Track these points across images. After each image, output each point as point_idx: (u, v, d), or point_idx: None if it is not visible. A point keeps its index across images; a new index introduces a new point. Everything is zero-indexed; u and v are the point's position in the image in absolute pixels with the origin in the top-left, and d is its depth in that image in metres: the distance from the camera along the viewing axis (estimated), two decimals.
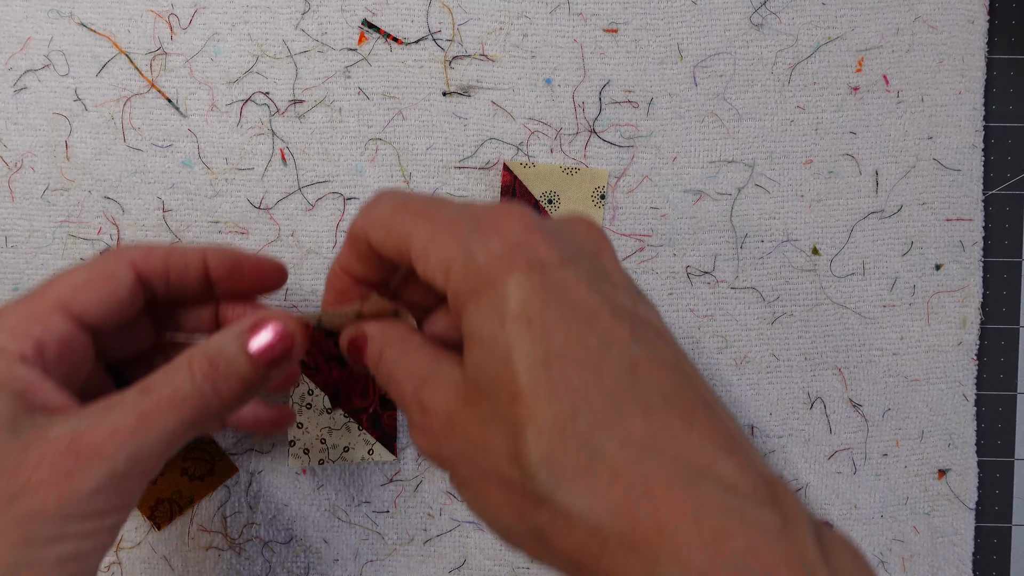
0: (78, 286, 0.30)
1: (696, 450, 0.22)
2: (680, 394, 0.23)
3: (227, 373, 0.29)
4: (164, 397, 0.28)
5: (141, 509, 0.42)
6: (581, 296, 0.24)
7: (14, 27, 0.40)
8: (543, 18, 0.40)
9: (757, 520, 0.21)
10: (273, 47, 0.40)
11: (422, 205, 0.27)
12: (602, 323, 0.23)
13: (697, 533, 0.21)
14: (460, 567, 0.42)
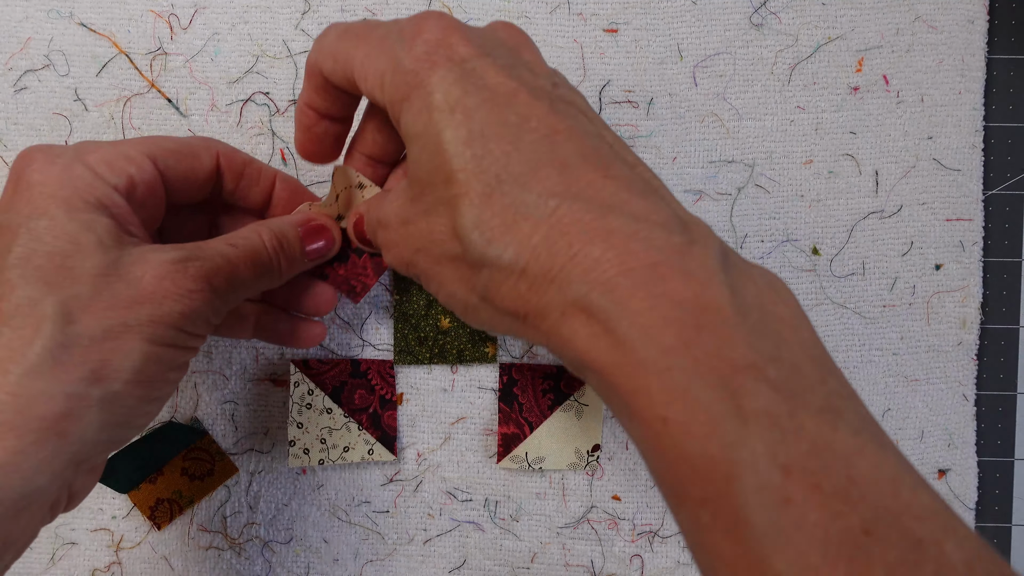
0: (168, 149, 0.32)
1: (610, 194, 0.24)
2: (597, 152, 0.25)
3: (288, 251, 0.34)
4: (247, 251, 0.32)
5: (141, 509, 0.42)
6: (499, 82, 0.26)
7: (14, 27, 0.40)
8: (543, 18, 0.40)
9: (662, 241, 0.23)
10: (273, 47, 0.40)
11: (360, 28, 0.29)
12: (520, 102, 0.26)
13: (603, 253, 0.23)
14: (460, 567, 0.43)
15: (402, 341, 0.41)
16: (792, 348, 0.23)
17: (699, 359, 0.22)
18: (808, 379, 0.22)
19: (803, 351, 0.23)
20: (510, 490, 0.42)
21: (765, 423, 0.21)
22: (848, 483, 0.20)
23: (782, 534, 0.20)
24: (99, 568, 0.42)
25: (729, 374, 0.22)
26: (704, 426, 0.21)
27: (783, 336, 0.23)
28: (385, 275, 0.41)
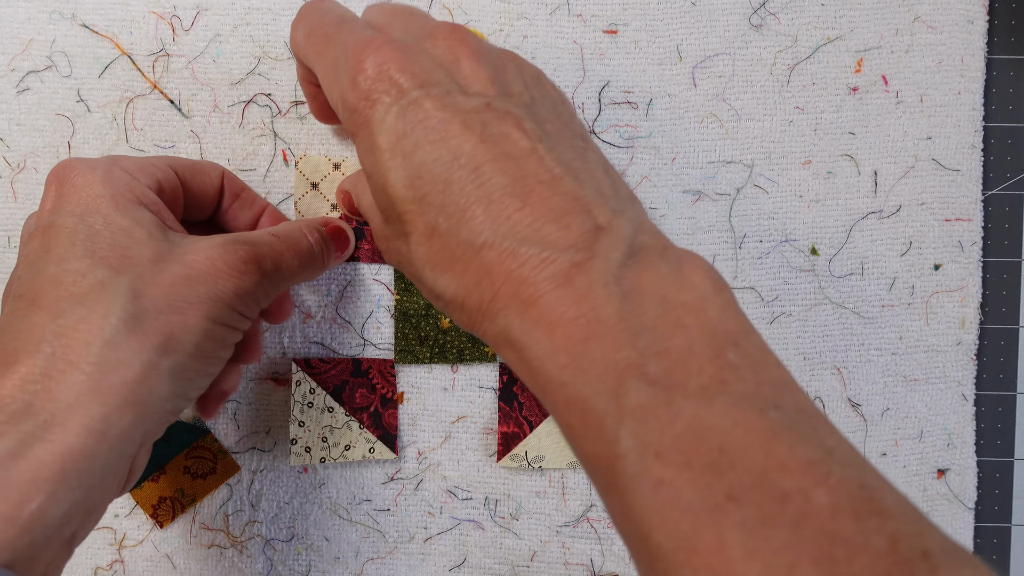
0: (184, 164, 0.36)
1: (525, 224, 0.26)
2: (519, 181, 0.26)
3: (327, 246, 0.38)
4: (291, 243, 0.35)
5: (143, 507, 0.42)
6: (433, 116, 0.27)
7: (17, 28, 0.40)
8: (543, 19, 0.41)
9: (566, 264, 0.25)
10: (275, 48, 0.40)
11: (319, 38, 0.31)
12: (452, 134, 0.27)
13: (517, 288, 0.25)
14: (460, 565, 0.43)
15: (403, 340, 0.41)
16: (688, 333, 0.24)
17: (586, 368, 0.24)
18: (697, 360, 0.23)
19: (700, 332, 0.24)
20: (510, 489, 0.42)
21: (639, 416, 0.23)
22: (719, 454, 0.22)
23: (658, 513, 0.22)
24: (101, 566, 0.42)
25: (613, 377, 0.23)
26: (592, 429, 0.24)
27: (682, 323, 0.24)
28: (385, 275, 0.41)
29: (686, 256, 0.26)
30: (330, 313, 0.42)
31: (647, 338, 0.24)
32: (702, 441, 0.22)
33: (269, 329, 0.42)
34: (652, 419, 0.22)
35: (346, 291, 0.41)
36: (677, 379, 0.23)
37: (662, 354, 0.23)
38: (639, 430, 0.22)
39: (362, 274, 0.41)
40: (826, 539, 0.20)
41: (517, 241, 0.26)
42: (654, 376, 0.23)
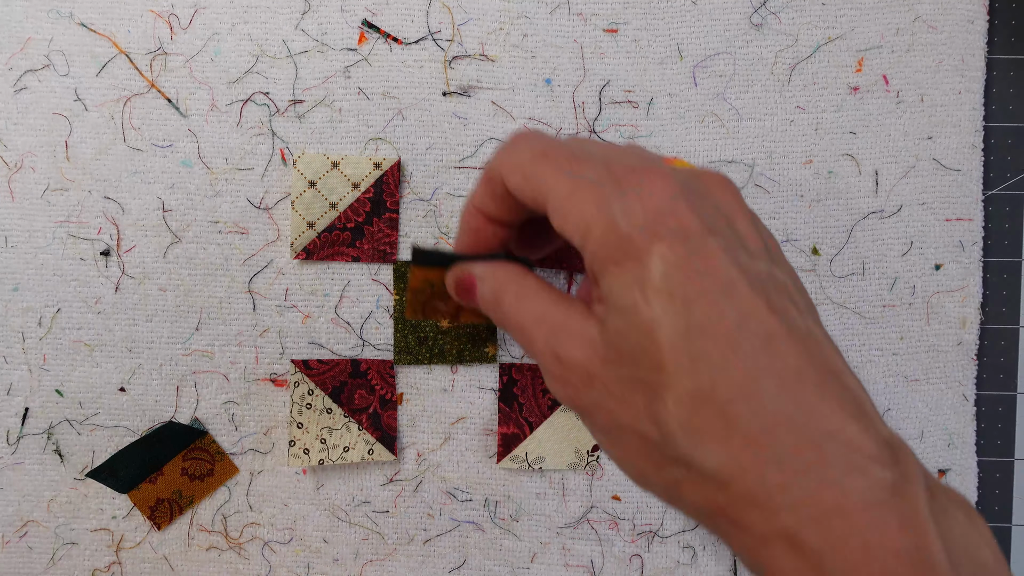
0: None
1: (825, 418, 0.23)
2: (812, 365, 0.24)
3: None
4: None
5: (141, 509, 0.42)
6: (721, 268, 0.25)
7: (14, 27, 0.40)
8: (543, 18, 0.40)
9: (877, 479, 0.22)
10: (273, 47, 0.40)
11: (563, 157, 0.27)
12: (740, 295, 0.24)
13: (818, 489, 0.22)
14: (460, 567, 0.43)
15: (402, 341, 0.41)
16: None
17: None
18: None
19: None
20: (510, 490, 0.42)
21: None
22: None
23: None
24: (99, 568, 0.42)
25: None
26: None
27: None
28: (384, 275, 0.41)
29: (966, 503, 0.24)
30: (329, 314, 0.41)
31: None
32: None
33: (268, 329, 0.41)
34: None
35: (345, 291, 0.41)
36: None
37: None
38: None
39: (361, 274, 0.41)
40: None
41: (820, 434, 0.23)
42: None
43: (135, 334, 0.41)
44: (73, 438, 0.42)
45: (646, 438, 0.25)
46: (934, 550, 0.22)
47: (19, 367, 0.41)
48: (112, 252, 0.41)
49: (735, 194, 0.27)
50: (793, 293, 0.26)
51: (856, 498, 0.22)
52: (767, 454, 0.23)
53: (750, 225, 0.27)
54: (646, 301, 0.24)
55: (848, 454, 0.23)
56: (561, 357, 0.27)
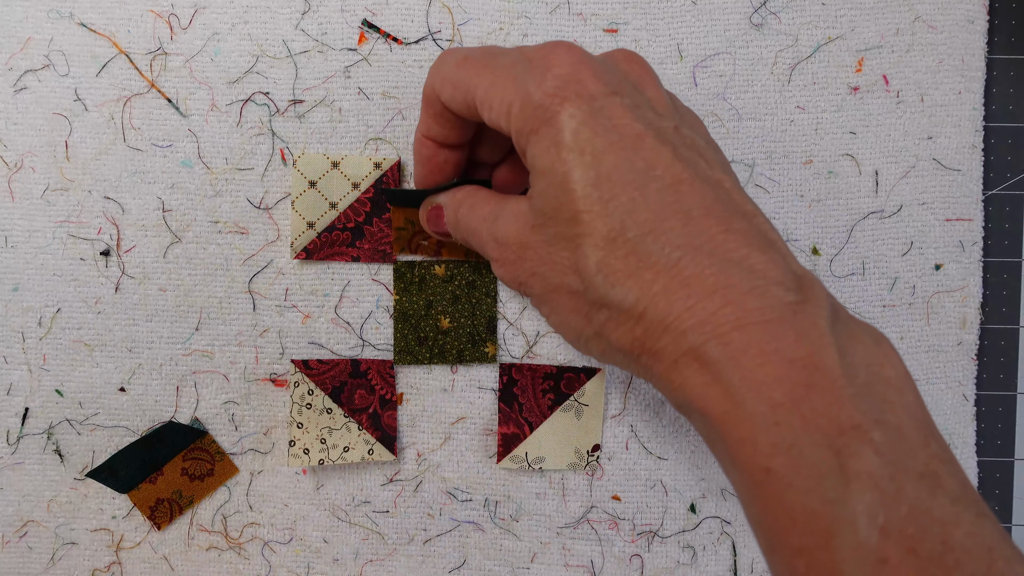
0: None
1: (731, 249, 0.25)
2: (719, 204, 0.26)
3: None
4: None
5: (141, 509, 0.42)
6: (626, 123, 0.26)
7: (14, 27, 0.40)
8: (543, 18, 0.40)
9: (778, 298, 0.24)
10: (273, 47, 0.40)
11: (481, 56, 0.30)
12: (646, 146, 0.26)
13: (720, 308, 0.24)
14: (460, 567, 0.43)
15: (402, 341, 0.41)
16: (896, 411, 0.23)
17: (807, 417, 0.23)
18: (910, 443, 0.23)
19: (907, 414, 0.24)
20: (510, 490, 0.42)
21: (867, 484, 0.22)
22: (943, 549, 0.21)
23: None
24: (99, 568, 0.42)
25: (835, 434, 0.22)
26: (807, 480, 0.22)
27: (888, 398, 0.24)
28: (385, 275, 0.41)
29: (878, 331, 0.26)
30: (329, 313, 0.41)
31: (866, 403, 0.23)
32: (926, 530, 0.21)
33: (268, 329, 0.41)
34: (878, 491, 0.22)
35: (345, 291, 0.41)
36: (897, 456, 0.22)
37: (881, 424, 0.23)
38: (867, 498, 0.22)
39: (361, 274, 0.41)
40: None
41: (724, 262, 0.25)
42: (879, 446, 0.22)
43: (135, 334, 0.41)
44: (73, 438, 0.42)
45: (573, 291, 0.27)
46: (828, 359, 0.23)
47: (19, 367, 0.41)
48: (112, 252, 0.41)
49: (644, 66, 0.29)
50: (704, 149, 0.27)
51: (756, 315, 0.24)
52: (675, 283, 0.25)
53: (659, 91, 0.29)
54: (560, 159, 0.26)
55: (751, 278, 0.24)
56: (498, 237, 0.30)
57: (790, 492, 0.23)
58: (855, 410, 0.23)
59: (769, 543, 0.24)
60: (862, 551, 0.21)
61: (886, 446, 0.22)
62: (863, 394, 0.23)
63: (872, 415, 0.23)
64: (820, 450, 0.22)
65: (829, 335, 0.24)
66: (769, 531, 0.24)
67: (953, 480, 0.23)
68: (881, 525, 0.21)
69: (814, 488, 0.22)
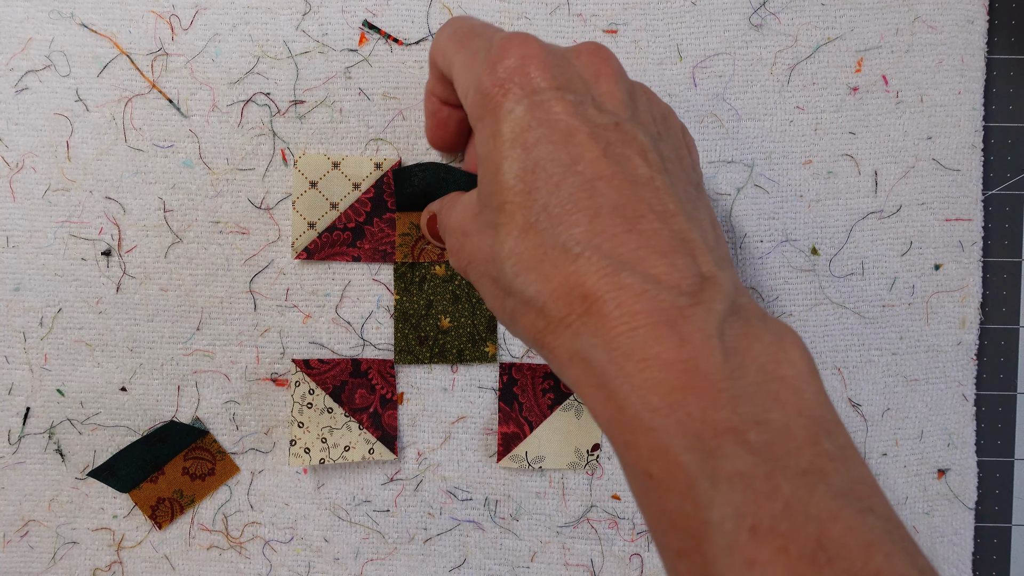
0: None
1: (630, 249, 0.25)
2: (632, 204, 0.26)
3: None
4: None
5: (142, 508, 0.42)
6: (563, 118, 0.27)
7: (15, 27, 0.40)
8: (543, 19, 0.40)
9: (668, 303, 0.24)
10: (274, 48, 0.40)
11: (464, 32, 0.31)
12: (576, 141, 0.26)
13: (611, 311, 0.24)
14: (460, 566, 0.43)
15: (402, 341, 0.41)
16: (786, 409, 0.23)
17: (681, 420, 0.23)
18: (795, 440, 0.23)
19: (799, 412, 0.23)
20: (510, 489, 0.42)
21: (738, 485, 0.22)
22: (816, 547, 0.21)
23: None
24: (100, 567, 0.42)
25: (709, 436, 0.22)
26: (681, 484, 0.23)
27: (780, 397, 0.23)
28: (385, 275, 0.41)
29: (785, 329, 0.25)
30: (329, 313, 0.41)
31: (747, 404, 0.23)
32: (800, 528, 0.21)
33: (269, 329, 0.41)
34: (750, 491, 0.22)
35: (346, 291, 0.41)
36: (776, 455, 0.22)
37: (761, 425, 0.23)
38: (736, 499, 0.22)
39: (362, 274, 0.41)
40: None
41: (618, 263, 0.25)
42: (755, 446, 0.22)
43: (136, 334, 0.41)
44: (74, 438, 0.42)
45: (493, 278, 0.28)
46: (708, 362, 0.23)
47: (20, 367, 0.42)
48: (113, 252, 0.41)
49: (605, 60, 0.29)
50: (646, 147, 0.27)
51: (642, 318, 0.24)
52: (573, 280, 0.25)
53: (613, 85, 0.29)
54: (495, 148, 0.27)
55: (642, 282, 0.24)
56: (450, 227, 0.31)
57: (668, 496, 0.23)
58: (732, 412, 0.23)
59: (657, 544, 0.24)
60: (733, 553, 0.21)
61: (764, 445, 0.22)
62: (747, 395, 0.23)
63: (752, 416, 0.23)
64: (693, 453, 0.22)
65: (714, 338, 0.24)
66: (655, 533, 0.24)
67: (841, 477, 0.22)
68: (751, 525, 0.21)
69: (687, 491, 0.22)
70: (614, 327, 0.24)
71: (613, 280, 0.25)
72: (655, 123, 0.30)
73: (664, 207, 0.26)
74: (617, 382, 0.24)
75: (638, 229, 0.25)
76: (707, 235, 0.27)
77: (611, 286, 0.25)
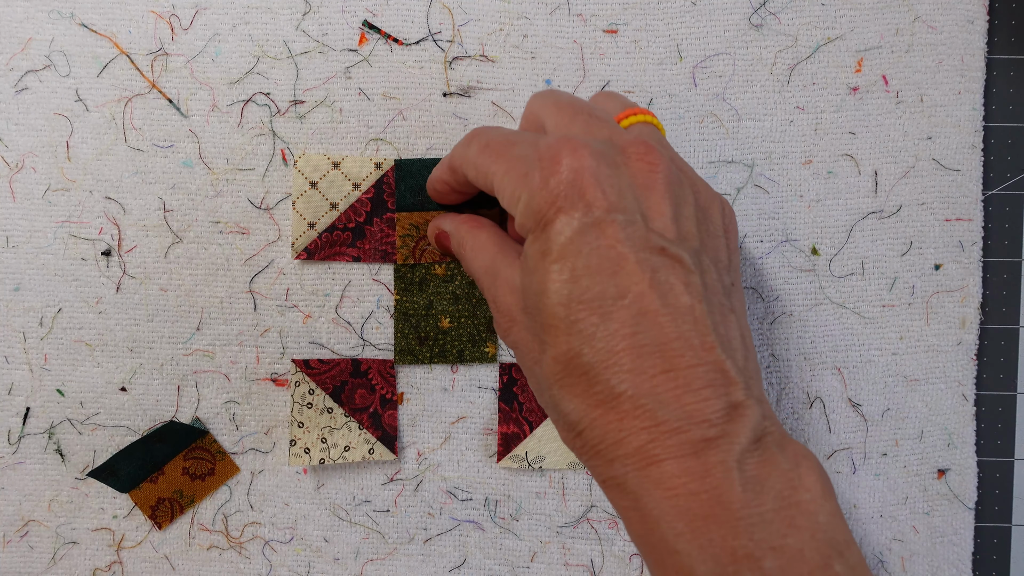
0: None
1: (667, 390, 0.27)
2: (672, 342, 0.27)
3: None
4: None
5: (142, 508, 0.42)
6: (613, 244, 0.27)
7: (15, 27, 0.40)
8: (543, 19, 0.40)
9: (697, 437, 0.26)
10: (274, 48, 0.40)
11: (500, 145, 0.31)
12: (624, 271, 0.27)
13: (645, 444, 0.26)
14: (460, 566, 0.43)
15: (402, 341, 0.41)
16: (800, 534, 0.25)
17: (704, 546, 0.25)
18: (808, 565, 0.25)
19: (812, 535, 0.26)
20: (510, 489, 0.42)
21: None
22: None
23: None
24: (100, 567, 0.42)
25: (728, 562, 0.25)
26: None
27: (795, 523, 0.26)
28: (385, 275, 0.41)
29: (802, 454, 0.27)
30: (329, 313, 0.41)
31: (764, 531, 0.25)
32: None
33: (269, 329, 0.41)
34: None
35: (346, 291, 0.41)
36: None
37: (776, 551, 0.25)
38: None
39: (362, 274, 0.41)
40: None
41: (657, 402, 0.26)
42: (768, 572, 0.25)
43: (136, 334, 0.41)
44: (74, 438, 0.42)
45: (537, 379, 0.30)
46: (728, 492, 0.26)
47: (20, 367, 0.42)
48: (113, 252, 0.41)
49: (654, 166, 0.29)
50: (690, 274, 0.28)
51: (674, 450, 0.26)
52: (611, 414, 0.27)
53: (662, 199, 0.29)
54: (544, 267, 0.28)
55: (677, 418, 0.26)
56: (497, 302, 0.32)
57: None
58: (749, 539, 0.25)
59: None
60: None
61: (778, 571, 0.25)
62: (765, 521, 0.25)
63: (768, 542, 0.25)
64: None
65: (735, 470, 0.26)
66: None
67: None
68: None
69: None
70: (646, 458, 0.26)
71: (650, 418, 0.26)
72: (699, 229, 0.30)
73: (702, 340, 0.27)
74: (651, 508, 0.26)
75: (676, 368, 0.27)
76: (738, 357, 0.28)
77: (648, 422, 0.26)
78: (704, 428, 0.26)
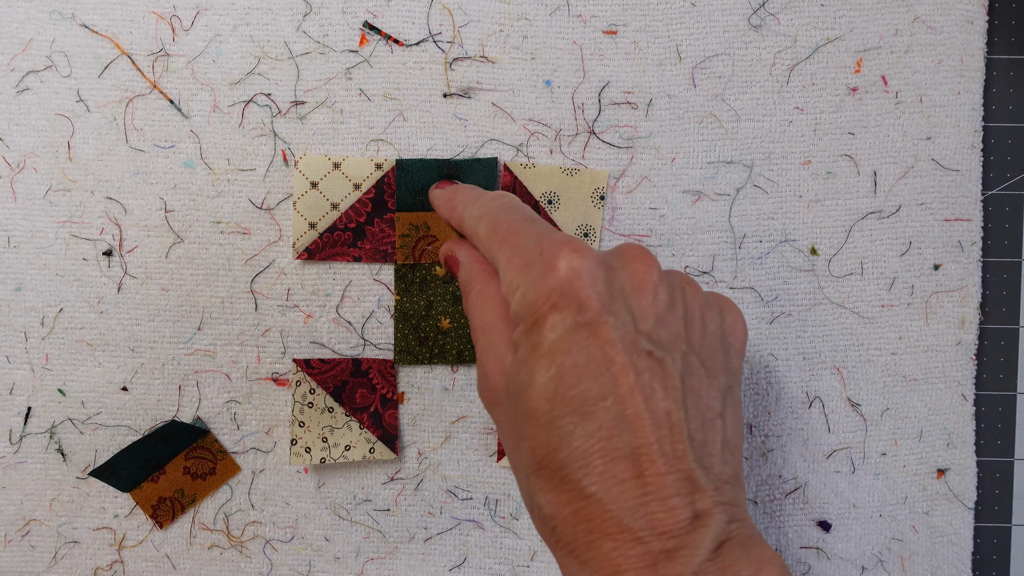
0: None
1: (634, 497, 0.27)
2: (646, 447, 0.28)
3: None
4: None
5: (143, 508, 0.42)
6: (602, 345, 0.28)
7: (16, 28, 0.40)
8: (543, 20, 0.41)
9: (652, 549, 0.27)
10: (275, 49, 0.41)
11: (507, 232, 0.32)
12: (610, 373, 0.28)
13: (611, 551, 0.27)
14: (460, 565, 0.43)
15: (403, 341, 0.41)
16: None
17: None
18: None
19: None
20: (510, 488, 0.42)
21: None
22: None
23: None
24: (101, 567, 0.42)
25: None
26: None
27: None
28: (385, 275, 0.41)
29: (767, 558, 0.28)
30: (330, 313, 0.42)
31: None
32: None
33: (270, 328, 0.42)
34: None
35: (346, 291, 0.41)
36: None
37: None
38: None
39: (363, 274, 0.41)
40: None
41: (623, 509, 0.27)
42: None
43: (137, 334, 0.42)
44: (75, 437, 0.42)
45: (516, 463, 0.31)
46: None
47: (22, 367, 0.42)
48: (114, 252, 0.41)
49: (646, 270, 0.30)
50: (671, 378, 0.29)
51: (634, 562, 0.27)
52: (581, 516, 0.27)
53: (651, 300, 0.30)
54: (533, 361, 0.29)
55: (641, 527, 0.27)
56: (485, 373, 0.32)
57: None
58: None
59: None
60: None
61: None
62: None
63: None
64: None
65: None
66: None
67: None
68: None
69: None
70: (612, 568, 0.27)
71: (618, 523, 0.27)
72: (688, 332, 0.30)
73: (674, 447, 0.28)
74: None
75: (645, 475, 0.27)
76: (712, 463, 0.29)
77: (616, 528, 0.27)
78: (664, 540, 0.27)
